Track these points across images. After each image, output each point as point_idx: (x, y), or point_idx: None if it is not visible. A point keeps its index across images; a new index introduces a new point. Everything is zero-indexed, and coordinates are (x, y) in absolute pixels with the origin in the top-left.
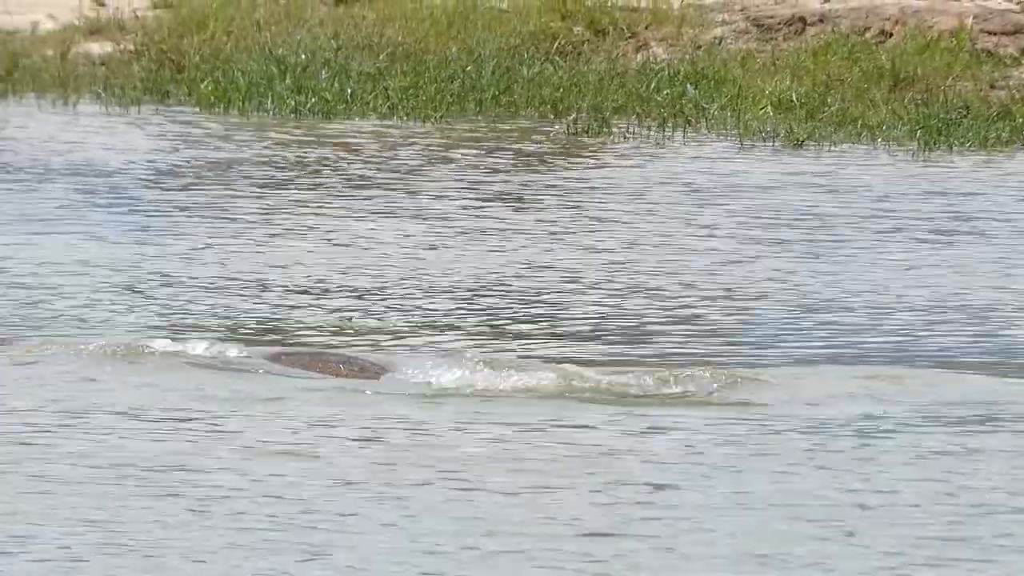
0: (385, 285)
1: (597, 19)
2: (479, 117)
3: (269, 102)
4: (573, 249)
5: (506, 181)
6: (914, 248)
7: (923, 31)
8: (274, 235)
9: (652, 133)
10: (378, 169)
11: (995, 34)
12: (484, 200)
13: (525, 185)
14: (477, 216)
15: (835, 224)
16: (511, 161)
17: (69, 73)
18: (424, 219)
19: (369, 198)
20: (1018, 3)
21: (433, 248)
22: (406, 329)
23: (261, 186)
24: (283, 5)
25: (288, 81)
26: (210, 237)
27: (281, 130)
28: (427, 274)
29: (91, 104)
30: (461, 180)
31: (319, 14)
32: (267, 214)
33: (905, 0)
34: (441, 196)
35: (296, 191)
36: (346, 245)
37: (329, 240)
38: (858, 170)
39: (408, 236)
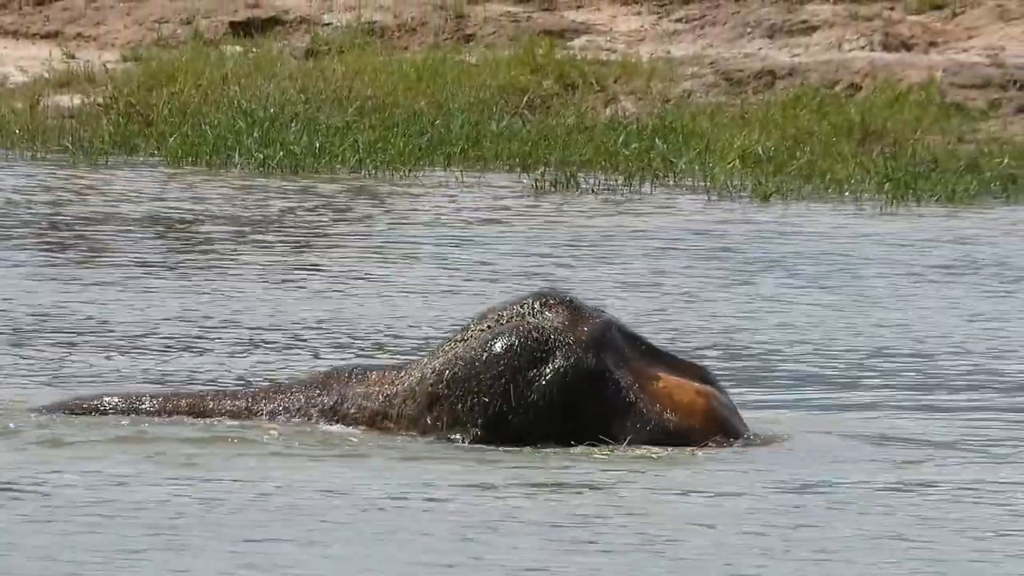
0: None
1: (566, 73)
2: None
3: (237, 156)
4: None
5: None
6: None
7: (892, 84)
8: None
9: (620, 187)
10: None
11: (964, 87)
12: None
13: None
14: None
15: (797, 271)
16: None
17: (38, 126)
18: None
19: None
20: (987, 57)
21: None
22: None
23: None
24: (252, 59)
25: (256, 135)
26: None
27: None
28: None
29: (59, 157)
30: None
31: (288, 68)
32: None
33: (875, 54)
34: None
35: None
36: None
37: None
38: (822, 223)
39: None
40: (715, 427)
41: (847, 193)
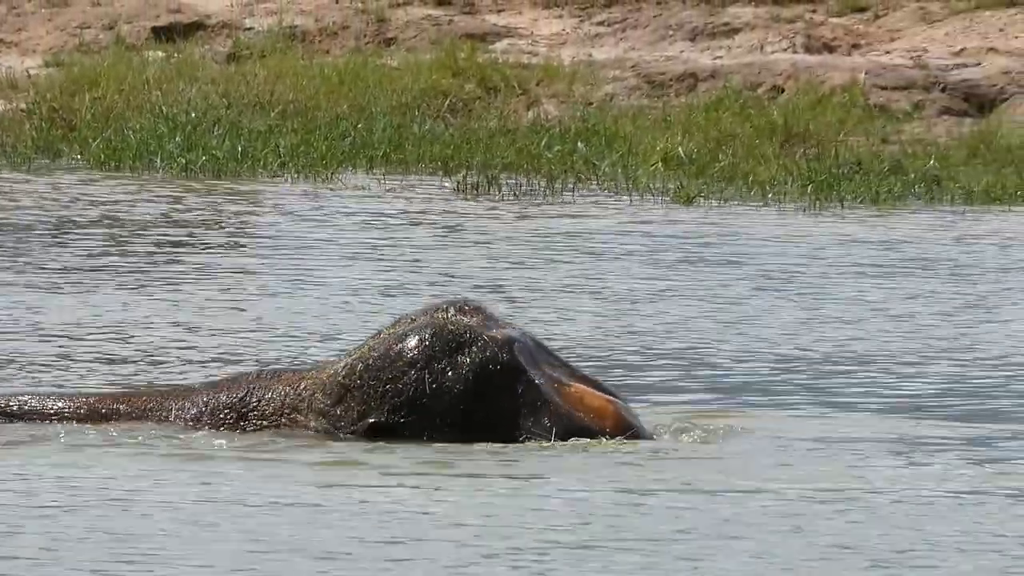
0: None
1: (488, 76)
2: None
3: (159, 160)
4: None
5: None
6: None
7: (815, 86)
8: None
9: (542, 190)
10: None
11: (887, 89)
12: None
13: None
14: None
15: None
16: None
17: None
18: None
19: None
20: (910, 59)
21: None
22: None
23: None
24: (174, 63)
25: (178, 139)
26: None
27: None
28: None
29: None
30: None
31: (210, 72)
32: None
33: (797, 56)
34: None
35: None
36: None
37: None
38: (745, 225)
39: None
40: (624, 431)
41: (770, 195)
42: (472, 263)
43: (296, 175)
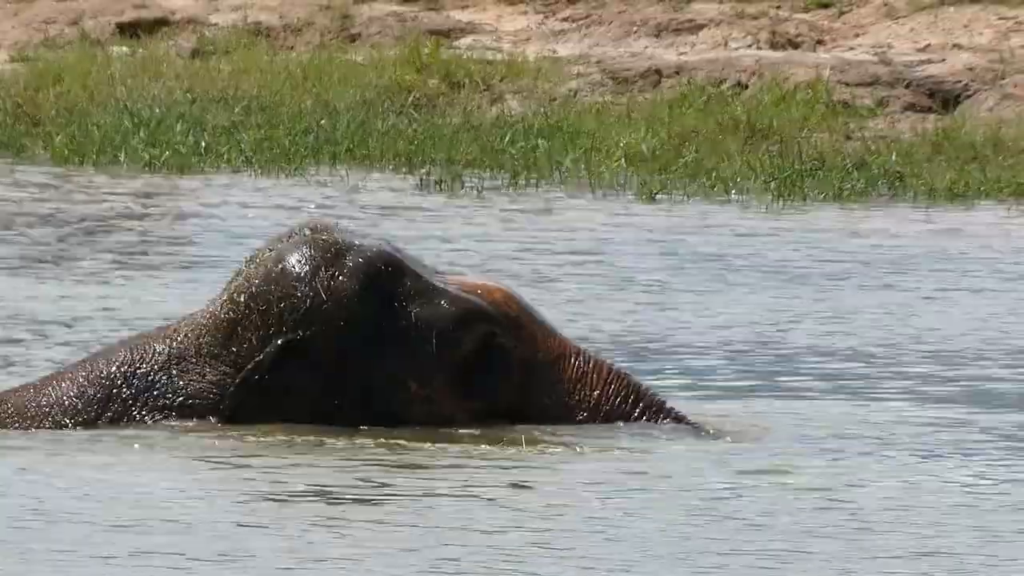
0: None
1: (452, 72)
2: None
3: (123, 156)
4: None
5: None
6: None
7: (779, 83)
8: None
9: (505, 186)
10: None
11: (851, 85)
12: None
13: None
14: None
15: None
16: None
17: None
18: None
19: None
20: (875, 55)
21: None
22: None
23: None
24: (139, 59)
25: (142, 135)
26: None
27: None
28: None
29: None
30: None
31: (175, 68)
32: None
33: (761, 52)
34: None
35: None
36: None
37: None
38: (708, 221)
39: None
40: (514, 306)
41: (733, 192)
42: (439, 259)
43: (259, 170)
